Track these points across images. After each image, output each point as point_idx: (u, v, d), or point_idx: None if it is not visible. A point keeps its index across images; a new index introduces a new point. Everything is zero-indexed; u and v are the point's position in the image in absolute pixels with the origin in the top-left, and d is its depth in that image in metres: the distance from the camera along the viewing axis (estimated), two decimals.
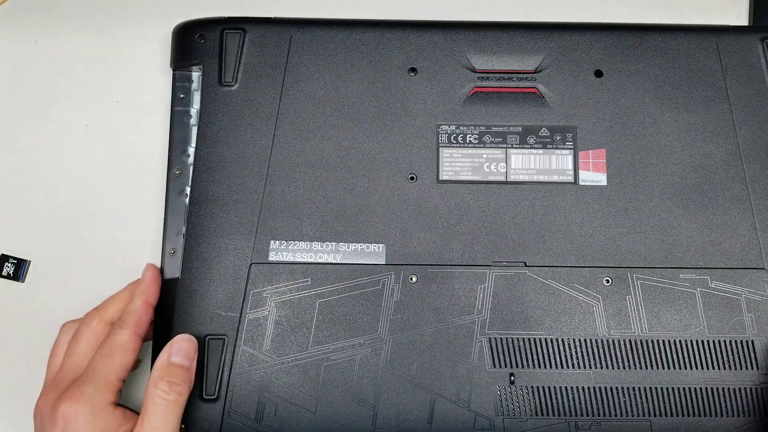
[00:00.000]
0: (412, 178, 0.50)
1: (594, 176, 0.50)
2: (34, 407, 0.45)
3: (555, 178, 0.50)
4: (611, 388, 0.48)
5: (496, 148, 0.51)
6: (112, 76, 0.55)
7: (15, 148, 0.54)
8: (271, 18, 0.53)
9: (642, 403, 0.48)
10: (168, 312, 0.48)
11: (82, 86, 0.55)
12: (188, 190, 0.50)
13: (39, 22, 0.56)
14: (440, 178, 0.50)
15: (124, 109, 0.55)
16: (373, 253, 0.49)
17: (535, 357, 0.48)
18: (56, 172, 0.54)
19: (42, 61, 0.56)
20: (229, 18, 0.52)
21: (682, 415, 0.48)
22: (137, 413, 0.46)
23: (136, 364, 0.49)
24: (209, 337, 0.47)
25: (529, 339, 0.48)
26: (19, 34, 0.56)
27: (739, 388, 0.48)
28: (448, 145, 0.51)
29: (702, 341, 0.48)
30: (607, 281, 0.49)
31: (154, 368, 0.45)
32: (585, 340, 0.48)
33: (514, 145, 0.51)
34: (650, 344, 0.48)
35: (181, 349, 0.46)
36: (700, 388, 0.48)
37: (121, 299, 0.48)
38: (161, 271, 0.49)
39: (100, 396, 0.44)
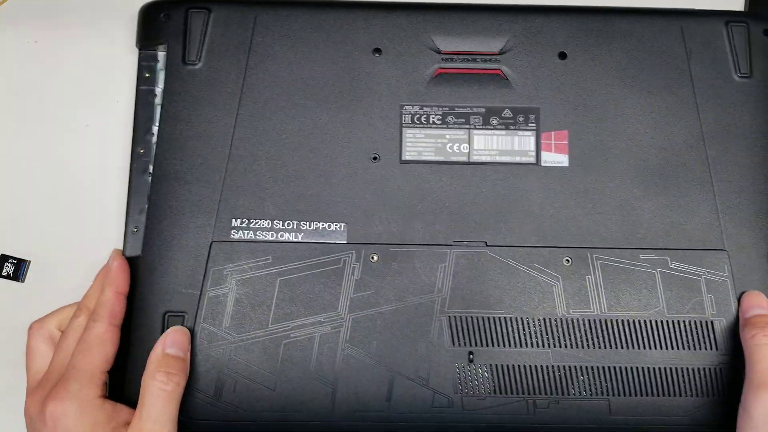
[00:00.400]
0: (374, 158, 0.50)
1: (556, 157, 0.51)
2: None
3: (517, 159, 0.51)
4: (570, 367, 0.48)
5: (459, 128, 0.51)
6: (112, 76, 0.55)
7: (15, 148, 0.54)
8: None
9: (600, 382, 0.48)
10: (129, 289, 0.48)
11: (82, 86, 0.55)
12: (152, 168, 0.50)
13: (39, 22, 0.56)
14: (403, 159, 0.50)
15: (124, 109, 0.55)
16: (335, 232, 0.49)
17: (494, 336, 0.48)
18: (56, 172, 0.54)
19: (42, 61, 0.56)
20: None
21: (641, 395, 0.48)
22: (127, 405, 0.46)
23: None
24: (169, 314, 0.48)
25: (488, 318, 0.48)
26: (19, 34, 0.56)
27: (698, 369, 0.48)
28: (411, 125, 0.51)
29: (661, 321, 0.48)
30: (567, 261, 0.49)
31: (149, 361, 0.45)
32: (544, 320, 0.48)
33: (477, 126, 0.51)
34: (609, 324, 0.48)
35: (175, 340, 0.46)
36: (659, 368, 0.48)
37: (98, 291, 0.48)
38: (124, 249, 0.50)
39: (86, 391, 0.44)
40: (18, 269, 0.52)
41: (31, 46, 0.56)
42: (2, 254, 0.53)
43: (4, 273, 0.52)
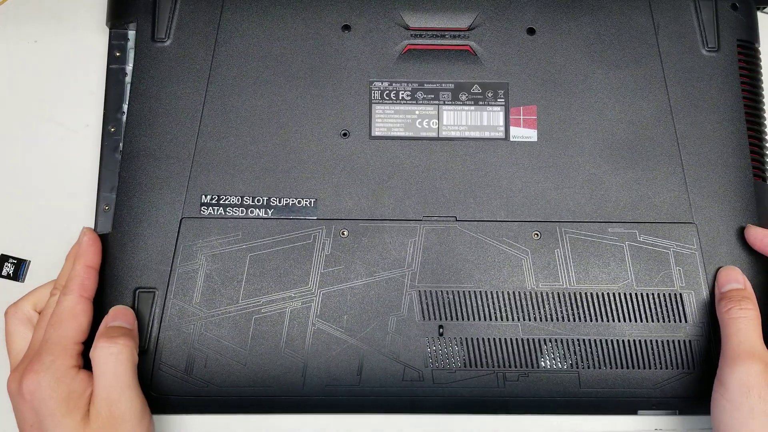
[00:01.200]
0: (344, 134, 0.50)
1: (525, 132, 0.51)
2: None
3: (486, 135, 0.51)
4: (539, 340, 0.48)
5: (428, 104, 0.51)
6: None
7: (15, 148, 0.54)
8: None
9: (570, 355, 0.48)
10: (101, 265, 0.48)
11: (82, 86, 0.55)
12: (122, 146, 0.50)
13: (39, 22, 0.56)
14: (372, 135, 0.51)
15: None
16: (305, 207, 0.49)
17: (464, 309, 0.48)
18: (56, 172, 0.54)
19: (42, 61, 0.56)
20: None
21: (611, 367, 0.48)
22: None
23: None
24: (139, 290, 0.48)
25: (458, 292, 0.48)
26: (19, 34, 0.56)
27: (668, 341, 0.48)
28: (380, 101, 0.51)
29: (630, 294, 0.49)
30: (536, 235, 0.49)
31: (94, 339, 0.46)
32: (513, 293, 0.49)
33: (446, 102, 0.51)
34: (578, 297, 0.49)
35: (117, 315, 0.47)
36: (629, 341, 0.48)
37: (70, 268, 0.48)
38: (95, 225, 0.50)
39: (60, 362, 0.44)
40: (18, 269, 0.53)
41: (31, 46, 0.56)
42: (2, 254, 0.53)
43: (4, 273, 0.52)
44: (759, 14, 0.55)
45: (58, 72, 0.55)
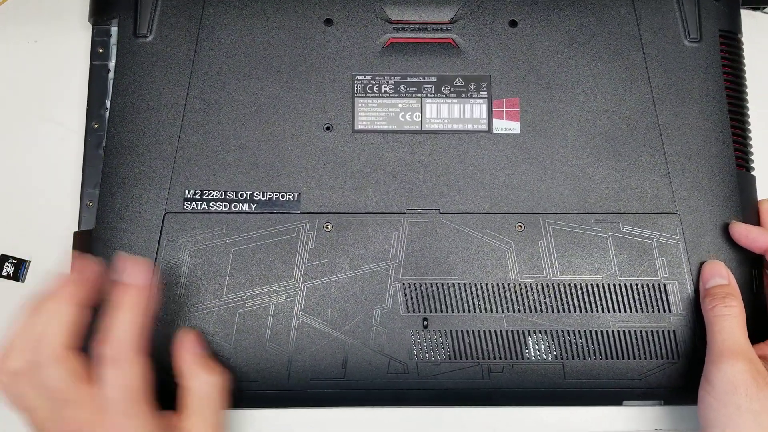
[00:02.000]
0: (327, 128, 0.50)
1: (508, 125, 0.51)
2: None
3: (469, 127, 0.51)
4: (524, 331, 0.48)
5: (411, 97, 0.51)
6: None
7: (15, 148, 0.54)
8: None
9: (554, 346, 0.48)
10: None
11: (82, 86, 0.54)
12: (105, 142, 0.50)
13: (39, 22, 0.56)
14: (356, 128, 0.51)
15: None
16: (288, 201, 0.49)
17: (448, 302, 0.48)
18: (56, 172, 0.54)
19: (42, 61, 0.56)
20: None
21: (595, 358, 0.48)
22: None
23: None
24: None
25: (442, 284, 0.49)
26: (19, 34, 0.56)
27: (652, 331, 0.48)
28: (363, 95, 0.51)
29: (613, 285, 0.49)
30: (520, 227, 0.49)
31: (184, 369, 0.45)
32: (497, 285, 0.49)
33: (429, 95, 0.51)
34: (562, 288, 0.49)
35: (194, 341, 0.47)
36: (613, 331, 0.48)
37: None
38: (79, 222, 0.50)
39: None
40: (18, 269, 0.52)
41: (31, 46, 0.56)
42: (2, 254, 0.53)
43: (4, 273, 0.52)
44: (759, 14, 0.55)
45: (58, 72, 0.55)
